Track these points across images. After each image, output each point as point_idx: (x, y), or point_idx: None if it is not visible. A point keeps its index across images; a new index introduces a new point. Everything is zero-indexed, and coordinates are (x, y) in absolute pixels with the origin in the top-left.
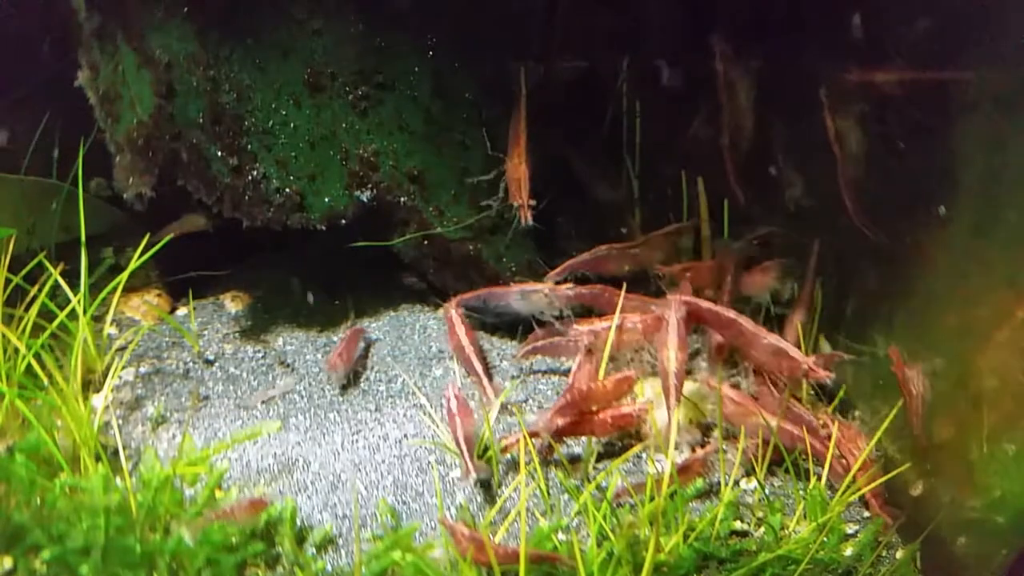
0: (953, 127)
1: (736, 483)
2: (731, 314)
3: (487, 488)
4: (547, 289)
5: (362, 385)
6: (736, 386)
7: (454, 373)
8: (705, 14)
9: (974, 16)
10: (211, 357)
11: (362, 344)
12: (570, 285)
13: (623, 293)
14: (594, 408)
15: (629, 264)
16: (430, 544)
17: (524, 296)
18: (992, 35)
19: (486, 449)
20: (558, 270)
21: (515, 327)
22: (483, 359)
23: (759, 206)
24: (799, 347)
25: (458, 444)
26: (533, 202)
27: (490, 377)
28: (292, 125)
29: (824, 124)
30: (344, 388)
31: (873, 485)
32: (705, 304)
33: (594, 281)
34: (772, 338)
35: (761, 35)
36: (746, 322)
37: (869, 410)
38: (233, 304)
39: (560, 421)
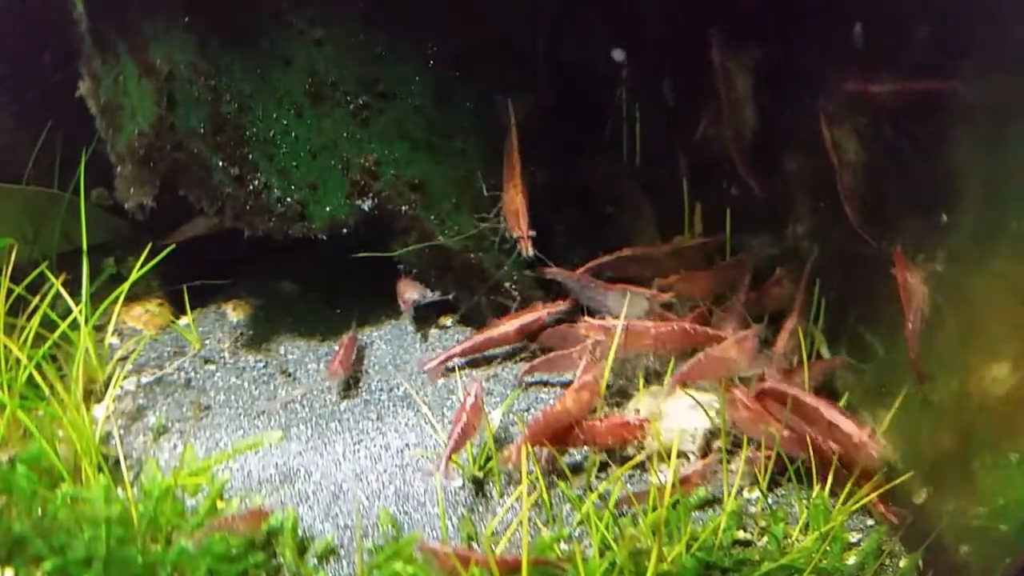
0: (951, 135)
1: (740, 491)
2: (793, 390)
3: (489, 498)
4: (650, 294)
5: (363, 394)
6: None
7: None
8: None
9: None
10: (212, 367)
11: (355, 350)
12: (671, 295)
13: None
14: (567, 425)
15: (652, 270)
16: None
17: (627, 297)
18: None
19: (488, 459)
20: (581, 270)
21: None
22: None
23: (761, 211)
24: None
25: (449, 438)
26: (533, 232)
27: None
28: (293, 134)
29: (821, 135)
30: (345, 393)
31: (879, 491)
32: (768, 385)
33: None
34: (830, 413)
35: (759, 36)
36: (809, 398)
37: (871, 416)
38: (235, 313)
39: (527, 450)
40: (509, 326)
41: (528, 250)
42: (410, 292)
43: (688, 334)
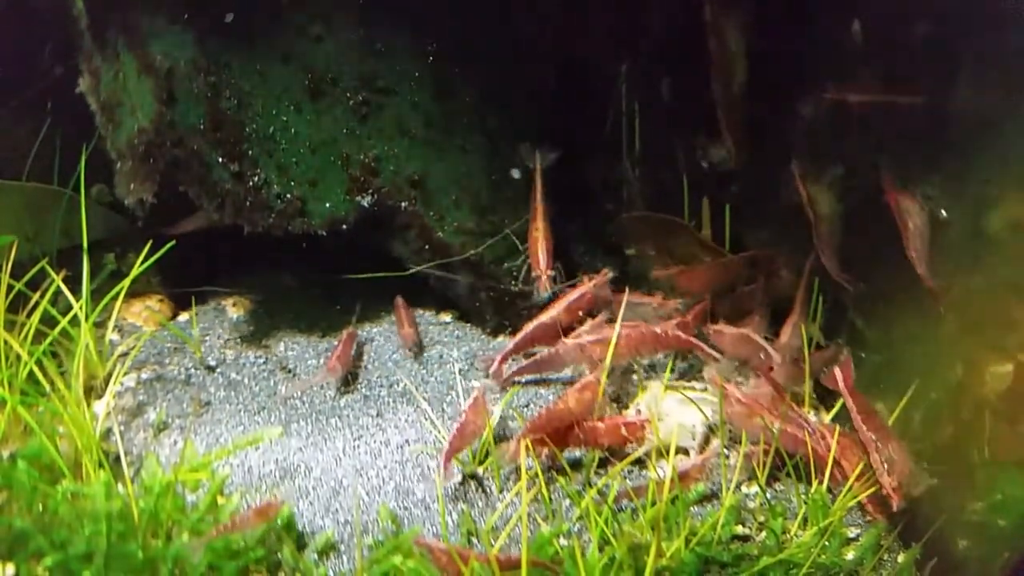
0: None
1: (738, 487)
2: (859, 420)
3: (489, 494)
4: (655, 303)
5: (363, 390)
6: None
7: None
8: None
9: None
10: (213, 363)
11: (355, 347)
12: (679, 302)
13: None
14: (568, 424)
15: (676, 242)
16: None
17: (631, 307)
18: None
19: (487, 455)
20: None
21: None
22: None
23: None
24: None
25: (449, 439)
26: (552, 272)
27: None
28: (293, 131)
29: (797, 191)
30: (342, 389)
31: (870, 491)
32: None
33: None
34: (872, 458)
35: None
36: (865, 433)
37: None
38: (234, 309)
39: (525, 446)
40: (557, 308)
41: (546, 289)
42: (407, 328)
43: (659, 338)
